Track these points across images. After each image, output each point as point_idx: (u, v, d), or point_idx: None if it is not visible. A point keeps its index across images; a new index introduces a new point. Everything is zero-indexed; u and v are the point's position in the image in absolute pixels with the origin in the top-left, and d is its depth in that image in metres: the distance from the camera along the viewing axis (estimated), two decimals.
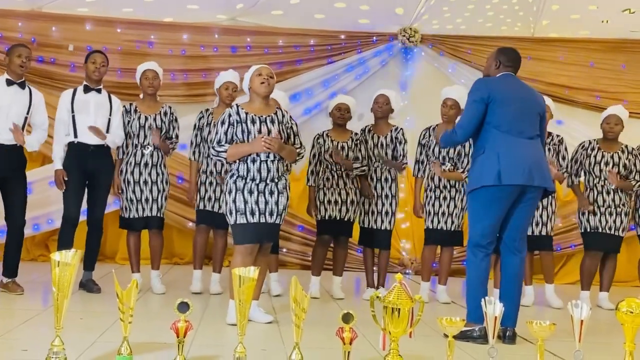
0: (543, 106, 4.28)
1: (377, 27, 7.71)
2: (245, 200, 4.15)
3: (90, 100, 5.23)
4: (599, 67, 7.87)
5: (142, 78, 5.43)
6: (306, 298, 2.88)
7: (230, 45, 7.50)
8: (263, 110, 4.28)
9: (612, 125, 5.72)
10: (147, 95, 5.46)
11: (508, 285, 4.14)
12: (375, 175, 5.63)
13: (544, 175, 4.08)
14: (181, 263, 7.31)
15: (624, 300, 2.95)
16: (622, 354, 2.93)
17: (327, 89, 7.62)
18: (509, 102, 4.08)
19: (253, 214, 4.15)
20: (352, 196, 5.58)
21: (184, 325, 2.89)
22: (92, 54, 5.34)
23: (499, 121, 4.06)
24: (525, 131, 4.08)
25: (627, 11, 7.38)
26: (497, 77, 4.25)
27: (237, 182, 4.19)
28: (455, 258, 6.97)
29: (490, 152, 4.06)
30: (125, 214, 5.38)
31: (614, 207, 5.69)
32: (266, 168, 4.17)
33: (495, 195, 4.03)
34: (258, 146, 4.13)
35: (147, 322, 3.98)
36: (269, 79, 4.28)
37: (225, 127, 4.23)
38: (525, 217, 4.15)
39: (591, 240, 5.75)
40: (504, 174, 3.98)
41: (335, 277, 5.63)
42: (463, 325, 3.03)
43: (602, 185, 5.71)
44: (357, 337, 2.95)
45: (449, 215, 5.54)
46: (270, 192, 4.18)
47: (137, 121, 5.35)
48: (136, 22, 7.34)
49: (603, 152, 5.73)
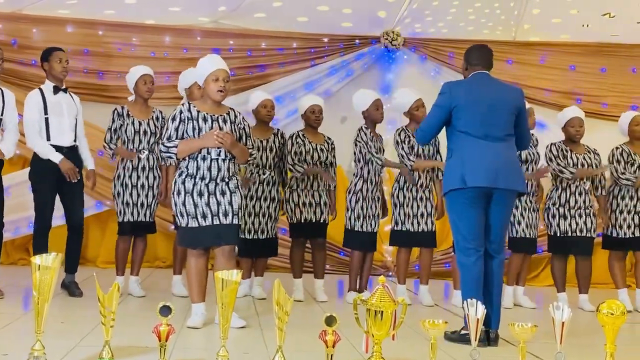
0: (517, 103, 4.19)
1: (360, 30, 7.72)
2: (195, 203, 4.09)
3: (62, 101, 5.16)
4: (580, 70, 7.94)
5: (139, 82, 5.35)
6: (289, 301, 2.88)
7: (212, 48, 7.45)
8: (215, 110, 4.23)
9: (577, 127, 5.77)
10: (140, 100, 5.40)
11: (491, 289, 4.14)
12: (375, 178, 5.62)
13: (511, 177, 4.06)
14: (163, 266, 7.27)
15: (604, 302, 2.98)
16: (603, 356, 2.95)
17: (310, 91, 7.60)
18: (473, 106, 4.08)
19: (205, 217, 4.09)
20: (325, 198, 5.60)
21: (165, 329, 2.87)
22: (54, 51, 5.19)
23: (464, 125, 4.08)
24: (493, 133, 4.07)
25: (607, 15, 7.46)
26: (464, 80, 4.28)
27: (186, 183, 4.12)
28: (436, 260, 7.01)
29: (456, 156, 4.10)
30: (122, 217, 5.32)
31: (584, 208, 5.74)
32: (217, 167, 4.11)
33: (462, 198, 4.06)
34: (210, 141, 4.06)
35: (129, 326, 3.95)
36: (226, 84, 4.19)
37: (176, 124, 4.16)
38: (498, 220, 4.13)
39: (562, 245, 5.77)
40: (468, 176, 4.00)
41: (317, 280, 5.63)
42: (445, 327, 3.04)
43: (576, 186, 5.75)
44: (340, 339, 2.94)
45: (428, 215, 5.56)
46: (222, 192, 4.12)
47: (131, 126, 5.30)
48: (118, 25, 7.30)
49: (575, 154, 5.78)
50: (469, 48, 4.34)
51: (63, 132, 5.11)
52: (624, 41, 7.88)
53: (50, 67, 5.16)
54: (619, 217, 5.91)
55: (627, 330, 4.95)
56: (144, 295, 5.29)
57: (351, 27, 7.67)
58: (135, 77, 5.37)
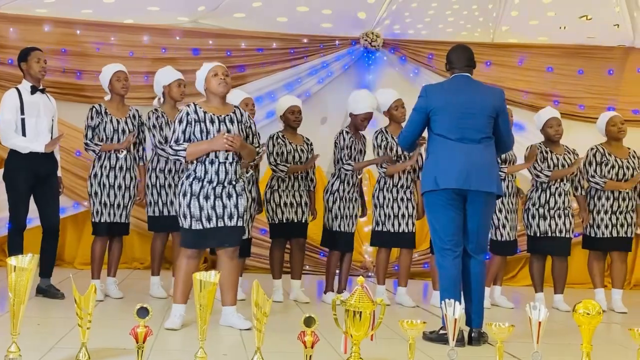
0: (497, 104, 4.18)
1: (340, 31, 7.73)
2: (200, 206, 4.10)
3: (39, 101, 5.11)
4: (557, 72, 8.01)
5: (113, 80, 5.30)
6: (268, 302, 2.87)
7: (192, 48, 7.45)
8: (221, 110, 4.25)
9: (556, 127, 5.83)
10: (116, 98, 5.35)
11: (468, 287, 4.17)
12: (352, 179, 5.63)
13: (484, 179, 4.07)
14: (141, 268, 7.23)
15: (580, 302, 3.00)
16: (580, 355, 2.98)
17: (289, 92, 7.59)
18: (449, 109, 4.11)
19: (210, 220, 4.11)
20: (306, 198, 5.60)
21: (143, 331, 2.85)
22: (32, 51, 5.15)
23: (439, 128, 4.13)
24: (469, 136, 4.09)
25: (584, 18, 7.54)
26: (442, 83, 4.33)
27: (194, 185, 4.12)
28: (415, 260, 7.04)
29: (432, 158, 4.16)
30: (97, 218, 5.24)
31: (563, 209, 5.79)
32: (224, 170, 4.13)
33: (436, 200, 4.10)
34: (219, 144, 4.07)
35: (106, 328, 3.92)
36: (226, 78, 4.24)
37: (184, 126, 4.16)
38: (475, 221, 4.14)
39: (540, 245, 5.83)
40: (440, 178, 4.05)
41: (293, 280, 5.62)
42: (423, 327, 3.05)
43: (555, 187, 5.80)
44: (319, 340, 2.95)
45: (409, 217, 5.58)
46: (228, 195, 4.14)
47: (110, 124, 5.23)
48: (96, 24, 7.23)
49: (556, 155, 5.84)
50: (451, 49, 4.35)
51: (39, 132, 5.06)
52: (600, 43, 7.96)
53: (28, 67, 5.11)
54: (597, 217, 5.97)
55: (603, 330, 5.00)
56: (122, 296, 5.25)
57: (331, 27, 7.67)
58: (109, 76, 5.32)
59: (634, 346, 3.02)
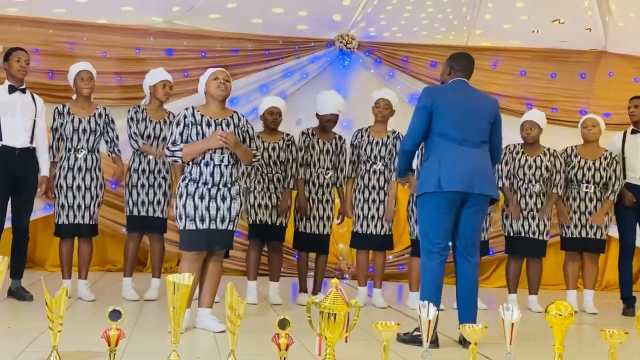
0: (494, 112, 4.27)
1: (315, 33, 7.73)
2: (195, 205, 4.11)
3: (17, 101, 5.07)
4: (530, 75, 8.09)
5: (76, 79, 5.29)
6: (242, 304, 2.86)
7: (166, 48, 7.40)
8: (219, 114, 4.27)
9: (527, 130, 5.90)
10: (80, 97, 5.32)
11: (463, 291, 4.18)
12: (317, 180, 5.64)
13: (485, 183, 4.12)
14: (114, 270, 7.16)
15: (553, 303, 3.03)
16: (552, 356, 3.00)
17: (265, 93, 7.58)
18: (453, 110, 4.13)
19: (203, 220, 4.11)
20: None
21: (115, 334, 2.82)
22: (14, 51, 5.14)
23: (442, 129, 4.12)
24: (470, 139, 4.12)
25: (556, 22, 7.62)
26: (445, 85, 4.31)
27: (189, 186, 4.15)
28: (390, 262, 7.06)
29: (433, 159, 4.12)
30: (58, 219, 5.23)
31: (536, 210, 5.85)
32: (219, 172, 4.15)
33: (437, 202, 4.08)
34: (213, 141, 4.10)
35: (78, 331, 3.88)
36: (226, 83, 4.26)
37: (181, 129, 4.20)
38: (472, 224, 4.18)
39: (514, 245, 5.91)
40: (444, 180, 4.03)
41: (271, 282, 5.62)
42: (398, 329, 3.05)
43: (525, 189, 5.87)
44: (293, 342, 2.94)
45: (378, 219, 5.59)
46: (223, 197, 4.15)
47: (70, 124, 5.20)
48: (69, 24, 7.15)
49: (526, 156, 5.90)
50: (453, 54, 4.40)
51: (16, 132, 5.01)
52: (573, 47, 8.05)
53: (9, 66, 5.11)
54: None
55: (575, 331, 5.05)
56: (94, 299, 5.20)
57: (306, 29, 7.67)
58: (74, 74, 5.31)
59: (605, 347, 3.05)
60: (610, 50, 8.06)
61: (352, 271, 7.52)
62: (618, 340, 2.97)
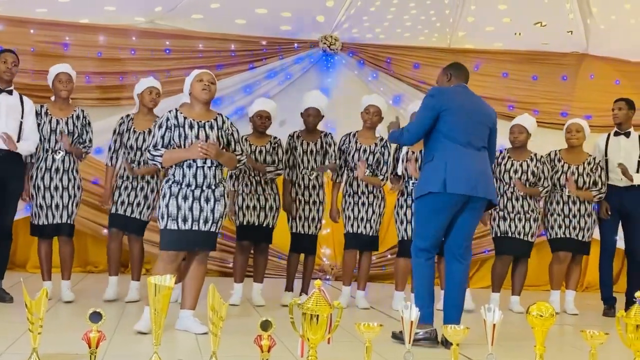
0: (493, 119, 4.33)
1: (299, 34, 7.74)
2: (178, 205, 4.09)
3: (1, 102, 5.03)
4: (512, 77, 8.14)
5: (55, 81, 5.26)
6: (224, 306, 2.85)
7: (148, 49, 7.36)
8: (203, 116, 4.24)
9: (516, 134, 5.93)
10: (59, 98, 5.29)
11: (452, 291, 4.20)
12: (303, 182, 5.63)
13: (487, 187, 4.15)
14: (95, 271, 7.12)
15: (534, 304, 3.04)
16: (533, 356, 3.02)
17: (248, 94, 7.58)
18: (460, 113, 4.16)
19: (185, 221, 4.09)
20: (271, 202, 5.56)
21: (96, 336, 2.80)
22: (1, 52, 5.13)
23: (449, 130, 4.13)
24: (474, 142, 4.16)
25: (538, 24, 7.67)
26: (451, 87, 4.32)
27: (172, 188, 4.12)
28: (374, 263, 7.07)
29: (439, 160, 4.13)
30: (35, 220, 5.19)
31: (523, 213, 5.89)
32: (202, 174, 4.12)
33: (440, 203, 4.10)
34: (194, 152, 4.08)
35: (58, 333, 3.85)
36: (210, 85, 4.23)
37: (163, 131, 4.17)
38: (468, 226, 4.21)
39: (501, 245, 5.95)
40: (449, 182, 4.05)
41: (255, 283, 5.60)
42: (380, 330, 3.05)
43: (511, 192, 5.91)
44: (276, 344, 2.93)
45: (367, 220, 5.61)
46: (206, 199, 4.13)
47: (48, 125, 5.16)
48: (50, 23, 7.11)
49: (512, 161, 5.94)
50: (451, 64, 4.46)
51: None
52: (554, 50, 8.12)
53: None
54: (550, 219, 6.09)
55: (556, 332, 5.09)
56: (73, 300, 5.14)
57: (290, 30, 7.67)
58: (52, 76, 5.28)
59: (586, 347, 3.07)
60: (592, 52, 8.13)
61: (336, 272, 7.52)
62: (598, 341, 2.99)
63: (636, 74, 8.23)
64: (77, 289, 5.55)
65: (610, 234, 6.14)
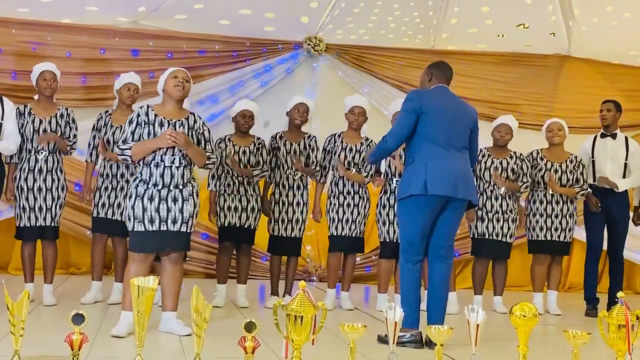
0: (474, 119, 4.35)
1: (283, 35, 7.73)
2: (144, 207, 4.05)
3: None
4: (495, 79, 8.18)
5: (39, 79, 5.21)
6: (208, 307, 2.84)
7: (131, 49, 7.33)
8: (174, 114, 4.20)
9: (503, 133, 5.95)
10: (43, 97, 5.24)
11: (435, 291, 4.22)
12: (287, 182, 5.63)
13: (468, 188, 4.18)
14: (78, 273, 7.07)
15: (517, 304, 3.06)
16: (516, 356, 3.04)
17: (232, 95, 7.57)
18: (439, 114, 4.17)
19: (152, 222, 4.05)
20: (253, 203, 5.55)
21: (78, 338, 2.78)
22: None
23: (429, 132, 4.15)
24: (454, 143, 4.18)
25: (521, 26, 7.72)
26: (430, 89, 4.35)
27: (138, 187, 4.09)
28: (358, 264, 7.07)
29: (419, 162, 4.15)
30: (18, 222, 5.14)
31: (502, 213, 5.91)
32: (169, 174, 4.09)
33: (421, 204, 4.12)
34: (163, 141, 4.03)
35: (40, 335, 3.82)
36: (184, 83, 4.19)
37: (133, 127, 4.13)
38: (450, 226, 4.23)
39: (479, 247, 5.96)
40: (430, 184, 4.07)
41: (239, 285, 5.59)
42: (364, 331, 3.05)
43: (491, 191, 5.93)
44: (260, 346, 2.93)
45: (352, 222, 5.61)
46: (174, 199, 4.09)
47: (31, 124, 5.11)
48: (32, 23, 7.05)
49: (492, 159, 5.96)
50: (433, 62, 4.48)
51: None
52: (537, 51, 8.17)
53: None
54: (532, 220, 6.12)
55: (539, 332, 5.12)
56: (55, 303, 5.11)
57: (274, 31, 7.66)
58: (36, 75, 5.23)
59: (569, 347, 3.09)
60: (574, 54, 8.20)
61: (320, 273, 7.52)
62: (581, 340, 3.01)
63: (618, 76, 8.30)
64: (60, 291, 5.52)
65: (597, 236, 6.16)
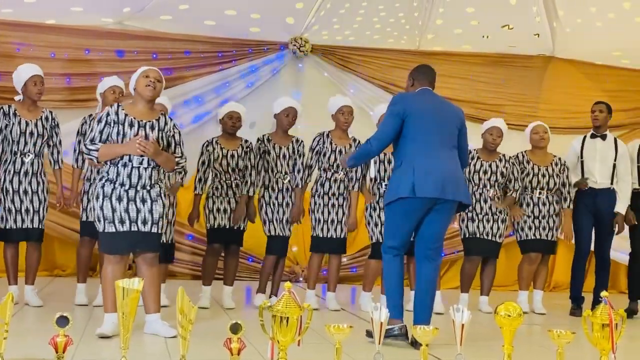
0: (461, 118, 4.37)
1: (268, 35, 7.72)
2: (113, 207, 3.98)
3: None
4: (480, 80, 8.22)
5: (29, 83, 5.11)
6: (193, 309, 2.83)
7: (116, 50, 7.29)
8: (145, 115, 4.13)
9: (494, 137, 5.96)
10: (28, 100, 5.18)
11: (422, 292, 4.24)
12: (277, 185, 5.62)
13: (457, 188, 4.18)
14: (63, 275, 7.02)
15: (502, 304, 3.07)
16: (502, 356, 3.05)
17: (217, 96, 7.55)
18: (424, 116, 4.19)
19: (123, 223, 3.99)
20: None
21: (63, 340, 2.76)
22: None
23: (414, 135, 4.16)
24: (442, 144, 4.19)
25: (506, 27, 7.76)
26: (414, 92, 4.37)
27: (105, 187, 4.01)
28: (344, 265, 7.08)
29: (407, 165, 4.16)
30: (3, 224, 5.10)
31: (491, 214, 5.95)
32: (137, 174, 4.02)
33: (409, 207, 4.14)
34: (132, 148, 3.96)
35: (24, 337, 3.79)
36: (156, 83, 4.13)
37: (102, 126, 4.05)
38: (438, 226, 4.24)
39: (470, 246, 6.00)
40: (418, 186, 4.07)
41: (225, 286, 5.57)
42: (349, 332, 3.06)
43: (480, 194, 5.96)
44: (246, 347, 2.92)
45: (337, 222, 5.61)
46: (142, 199, 4.03)
47: (17, 126, 5.06)
48: (16, 24, 6.99)
49: (482, 161, 5.99)
50: (417, 66, 4.50)
51: None
52: (521, 52, 8.22)
53: None
54: (520, 221, 6.15)
55: (524, 331, 5.14)
56: (41, 304, 5.08)
57: (260, 32, 7.65)
58: (25, 78, 5.13)
59: (553, 347, 3.11)
60: (558, 55, 8.25)
61: (306, 274, 7.51)
62: (565, 340, 3.02)
63: (602, 77, 8.37)
64: (44, 293, 5.48)
65: (585, 235, 6.18)
